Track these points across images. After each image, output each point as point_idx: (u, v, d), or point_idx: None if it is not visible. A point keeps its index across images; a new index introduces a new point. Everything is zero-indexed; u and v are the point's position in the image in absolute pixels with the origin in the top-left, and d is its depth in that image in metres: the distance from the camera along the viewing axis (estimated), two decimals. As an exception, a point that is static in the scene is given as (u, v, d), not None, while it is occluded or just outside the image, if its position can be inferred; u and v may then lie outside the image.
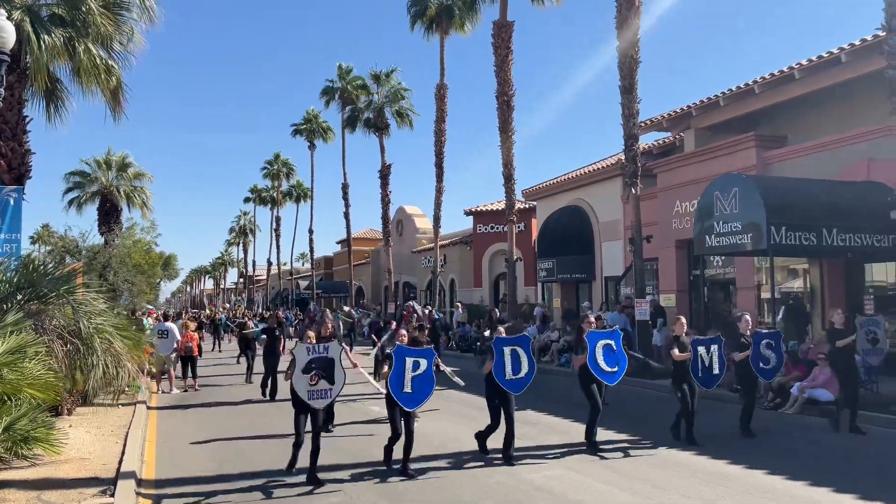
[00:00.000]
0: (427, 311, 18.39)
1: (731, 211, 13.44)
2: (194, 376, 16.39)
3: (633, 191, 17.34)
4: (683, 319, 10.02)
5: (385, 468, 7.84)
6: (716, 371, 9.49)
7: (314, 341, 7.86)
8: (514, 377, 8.19)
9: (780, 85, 16.02)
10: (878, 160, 13.46)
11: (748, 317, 10.50)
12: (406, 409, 7.63)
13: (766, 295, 15.94)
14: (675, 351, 9.48)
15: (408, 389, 7.50)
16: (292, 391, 7.58)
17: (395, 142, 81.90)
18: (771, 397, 12.16)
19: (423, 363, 7.65)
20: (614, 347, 8.90)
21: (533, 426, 10.58)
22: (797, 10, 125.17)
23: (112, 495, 6.79)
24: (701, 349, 9.41)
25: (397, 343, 8.09)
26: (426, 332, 12.77)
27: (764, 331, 10.27)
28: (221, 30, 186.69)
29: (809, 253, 14.30)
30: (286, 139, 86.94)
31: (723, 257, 17.17)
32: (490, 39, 23.96)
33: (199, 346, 17.11)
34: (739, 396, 10.36)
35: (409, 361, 7.58)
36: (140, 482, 7.67)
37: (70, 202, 31.90)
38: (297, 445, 7.60)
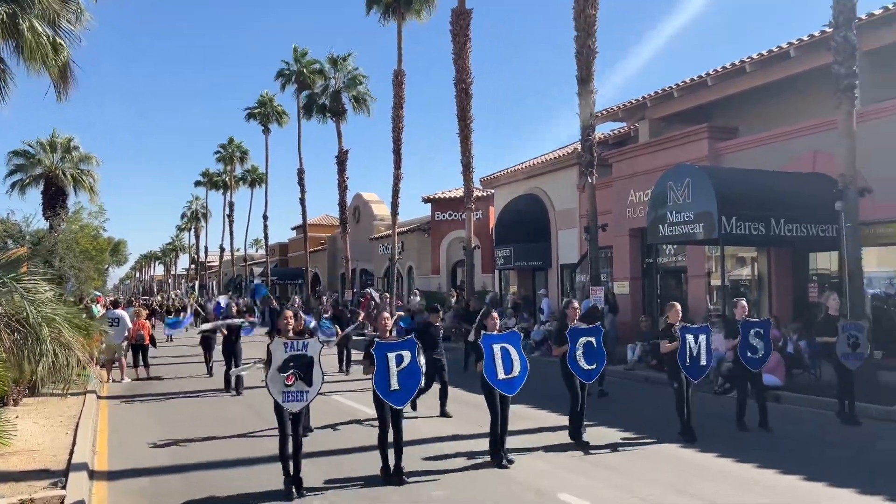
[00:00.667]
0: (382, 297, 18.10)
1: (683, 201, 13.74)
2: (146, 365, 16.09)
3: (589, 180, 17.57)
4: (679, 307, 9.39)
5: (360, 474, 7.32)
6: (703, 362, 9.01)
7: (291, 322, 7.25)
8: (506, 377, 7.70)
9: (731, 78, 16.39)
10: (823, 152, 13.91)
11: (744, 303, 10.16)
12: (396, 408, 7.16)
13: (716, 282, 16.39)
14: (666, 342, 9.10)
15: (395, 387, 7.07)
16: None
17: (353, 127, 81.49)
18: (721, 382, 12.54)
19: (407, 356, 7.20)
20: (594, 344, 8.66)
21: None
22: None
23: (63, 487, 6.63)
24: (689, 337, 8.96)
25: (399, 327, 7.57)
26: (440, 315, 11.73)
27: (754, 319, 9.95)
28: (173, 9, 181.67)
29: (758, 242, 14.73)
30: (240, 123, 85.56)
31: (675, 246, 17.57)
32: (448, 27, 23.89)
33: (151, 335, 16.75)
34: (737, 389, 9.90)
35: (392, 357, 7.13)
36: (92, 474, 7.51)
37: (13, 185, 30.88)
38: (284, 453, 6.77)
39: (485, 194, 29.48)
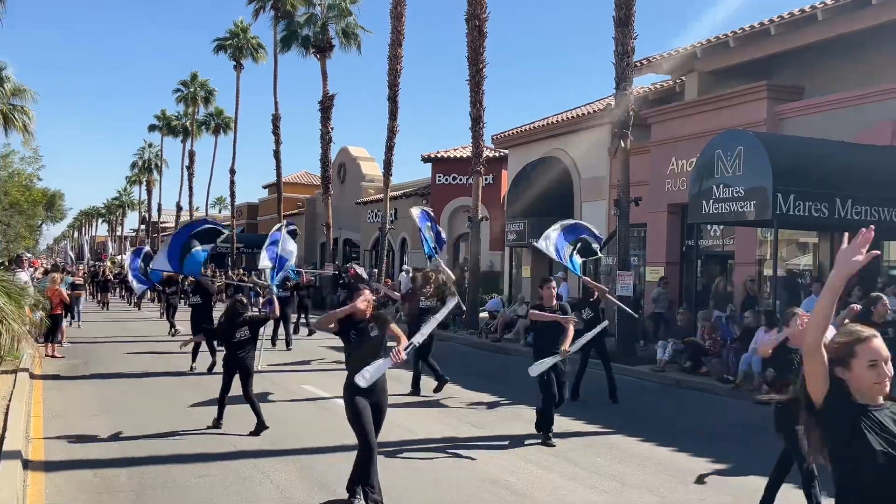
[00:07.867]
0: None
1: (733, 173, 13.84)
2: (53, 340, 16.28)
3: (623, 143, 17.62)
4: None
5: None
6: None
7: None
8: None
9: (800, 27, 16.40)
10: (905, 122, 14.01)
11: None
12: None
13: (768, 271, 16.54)
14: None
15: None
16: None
17: (340, 67, 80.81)
18: (766, 390, 12.76)
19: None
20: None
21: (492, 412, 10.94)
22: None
23: (-6, 478, 6.86)
24: None
25: None
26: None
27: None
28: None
29: (820, 226, 14.88)
30: (207, 57, 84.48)
31: (722, 227, 17.70)
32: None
33: (63, 303, 16.95)
34: None
35: None
36: (27, 464, 7.75)
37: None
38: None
39: (497, 155, 29.54)
